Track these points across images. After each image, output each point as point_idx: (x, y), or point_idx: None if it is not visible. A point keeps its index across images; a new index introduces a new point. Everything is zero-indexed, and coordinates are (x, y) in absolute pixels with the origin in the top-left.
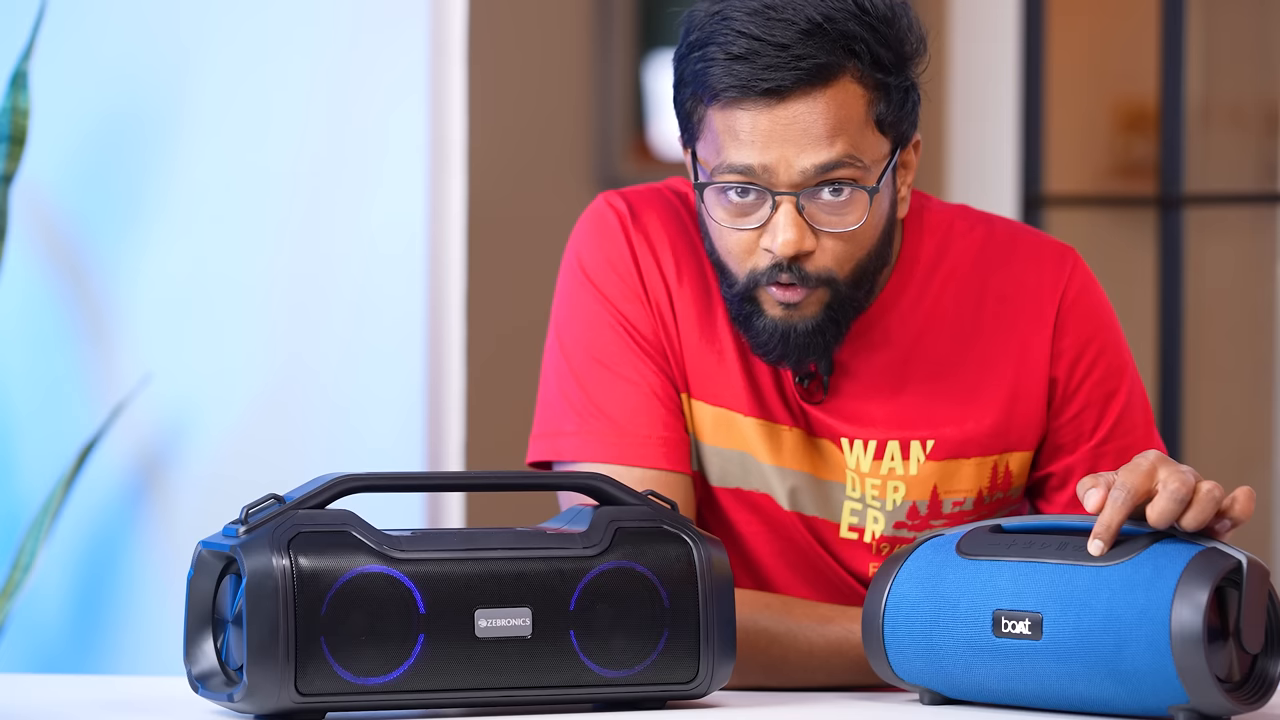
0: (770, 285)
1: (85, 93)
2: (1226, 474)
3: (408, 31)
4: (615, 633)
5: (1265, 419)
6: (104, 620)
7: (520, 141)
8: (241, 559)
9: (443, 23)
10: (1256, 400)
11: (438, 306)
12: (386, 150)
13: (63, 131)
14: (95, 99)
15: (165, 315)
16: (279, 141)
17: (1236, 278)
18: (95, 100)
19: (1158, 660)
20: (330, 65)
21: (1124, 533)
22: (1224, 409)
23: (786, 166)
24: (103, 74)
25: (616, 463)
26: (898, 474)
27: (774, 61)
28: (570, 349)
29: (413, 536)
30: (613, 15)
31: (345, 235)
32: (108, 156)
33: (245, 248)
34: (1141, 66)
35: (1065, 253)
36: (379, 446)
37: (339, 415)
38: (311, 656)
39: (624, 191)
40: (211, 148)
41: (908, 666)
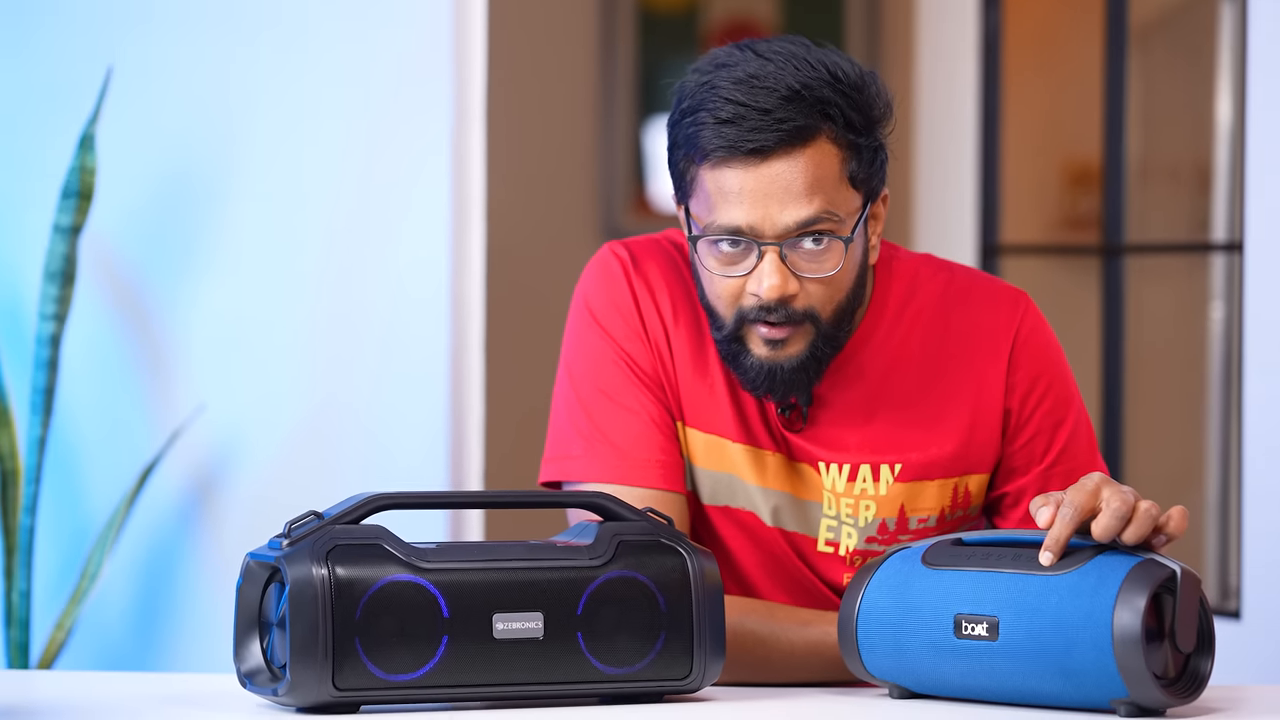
0: (757, 323)
1: (146, 154)
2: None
3: (433, 99)
4: (618, 634)
5: (1197, 444)
6: (162, 623)
7: (533, 197)
8: (285, 569)
9: (465, 91)
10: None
11: (459, 344)
12: (413, 205)
13: (125, 188)
14: (154, 160)
15: (217, 351)
16: (318, 197)
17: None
18: (155, 161)
19: (1101, 659)
20: (364, 129)
21: (1071, 545)
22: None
23: (771, 222)
24: (161, 137)
25: (619, 483)
26: (869, 494)
27: (758, 124)
28: (578, 382)
29: (437, 548)
30: (615, 86)
31: (377, 280)
32: (165, 211)
33: (288, 291)
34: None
35: (1018, 297)
36: (407, 468)
37: (371, 440)
38: (347, 655)
39: (626, 241)
40: (258, 203)
41: (878, 664)
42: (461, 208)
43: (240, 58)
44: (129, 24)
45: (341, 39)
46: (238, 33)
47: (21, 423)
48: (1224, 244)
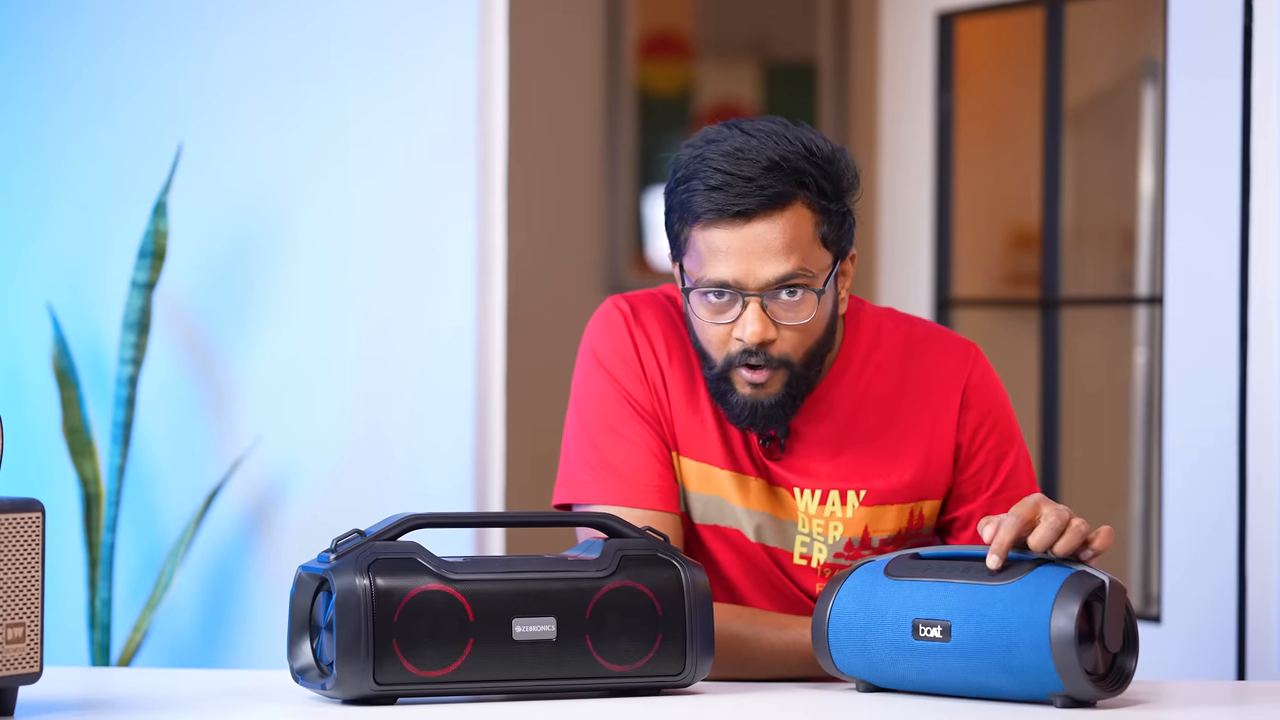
0: (741, 367)
1: (211, 219)
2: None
3: (460, 174)
4: (620, 636)
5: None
6: (226, 627)
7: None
8: (332, 579)
9: (488, 166)
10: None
11: (483, 384)
12: (443, 264)
13: (194, 249)
14: (219, 224)
15: (273, 391)
16: (361, 259)
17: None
18: (219, 225)
19: (1040, 658)
20: (401, 199)
21: (1013, 558)
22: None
23: (754, 276)
24: (225, 205)
25: (622, 505)
26: (837, 516)
27: (743, 190)
28: (586, 417)
29: (464, 562)
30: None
31: (412, 329)
32: (228, 268)
33: (335, 339)
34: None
35: (969, 348)
36: (437, 492)
37: (407, 468)
38: (386, 655)
39: (627, 295)
40: (309, 262)
41: (847, 662)
42: (485, 267)
43: (294, 135)
44: (198, 105)
45: (382, 121)
46: (292, 113)
47: (104, 453)
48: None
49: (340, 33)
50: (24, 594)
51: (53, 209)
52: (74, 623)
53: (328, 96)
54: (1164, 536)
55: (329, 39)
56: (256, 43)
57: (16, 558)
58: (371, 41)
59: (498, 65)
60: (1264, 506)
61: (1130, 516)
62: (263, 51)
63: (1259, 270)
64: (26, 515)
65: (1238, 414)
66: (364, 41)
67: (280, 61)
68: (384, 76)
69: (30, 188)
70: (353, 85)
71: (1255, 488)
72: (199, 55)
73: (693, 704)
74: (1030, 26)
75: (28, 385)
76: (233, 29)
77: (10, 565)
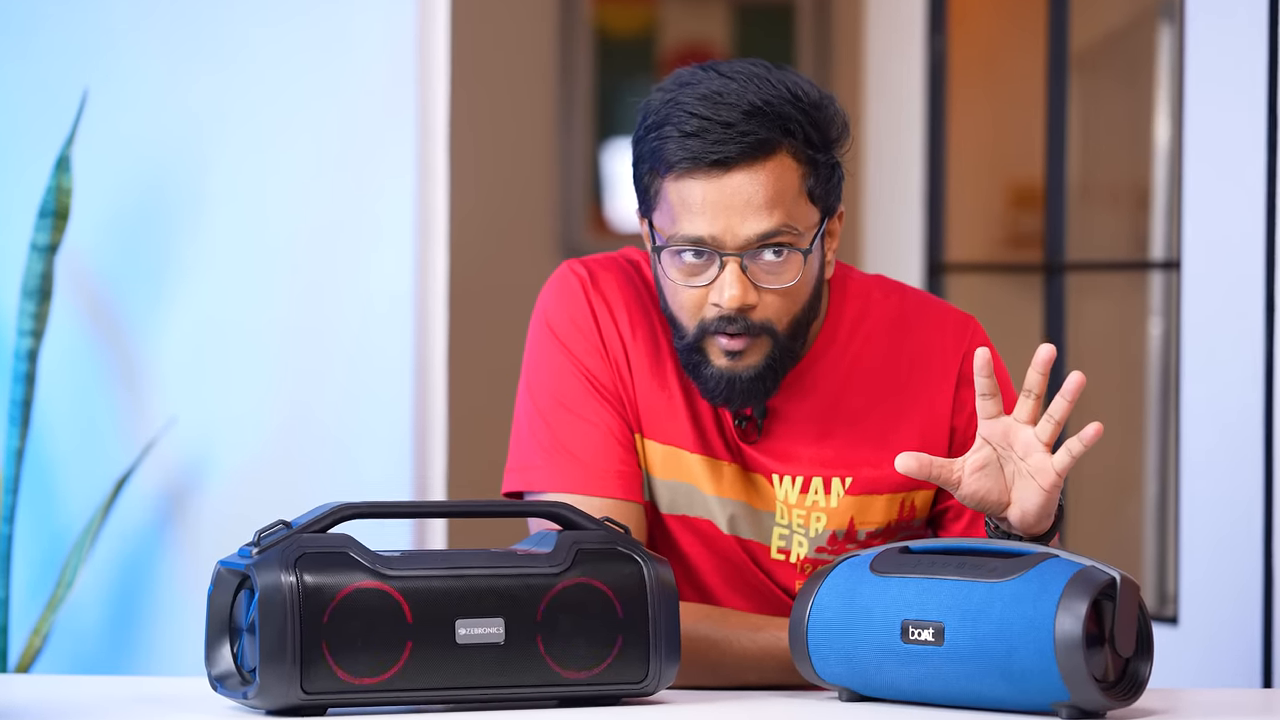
0: (717, 335)
1: (120, 174)
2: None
3: (397, 122)
4: (576, 639)
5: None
6: (136, 629)
7: (495, 216)
8: (255, 576)
9: (428, 114)
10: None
11: (423, 358)
12: (378, 224)
13: (100, 208)
14: (128, 180)
15: (189, 366)
16: (286, 217)
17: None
18: (128, 181)
19: (1043, 663)
20: (330, 151)
21: (1015, 552)
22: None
23: (732, 234)
24: (135, 158)
25: (579, 493)
26: (820, 506)
27: (721, 137)
28: (539, 395)
29: (402, 556)
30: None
31: (343, 297)
32: (139, 229)
33: (258, 308)
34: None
35: (966, 321)
36: (372, 479)
37: (338, 452)
38: (314, 660)
39: (584, 259)
40: (229, 222)
41: (828, 668)
42: (425, 227)
43: (210, 80)
44: (102, 49)
45: (308, 62)
46: (208, 56)
47: (0, 435)
48: (1161, 262)
49: None
50: None
51: None
52: None
53: (248, 37)
54: (1181, 527)
55: None
56: None
57: None
58: None
59: (439, 2)
60: None
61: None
62: None
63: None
64: None
65: (1263, 390)
66: None
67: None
68: (311, 14)
69: None
70: (276, 25)
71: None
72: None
73: (657, 714)
74: None
75: None
76: None
77: None
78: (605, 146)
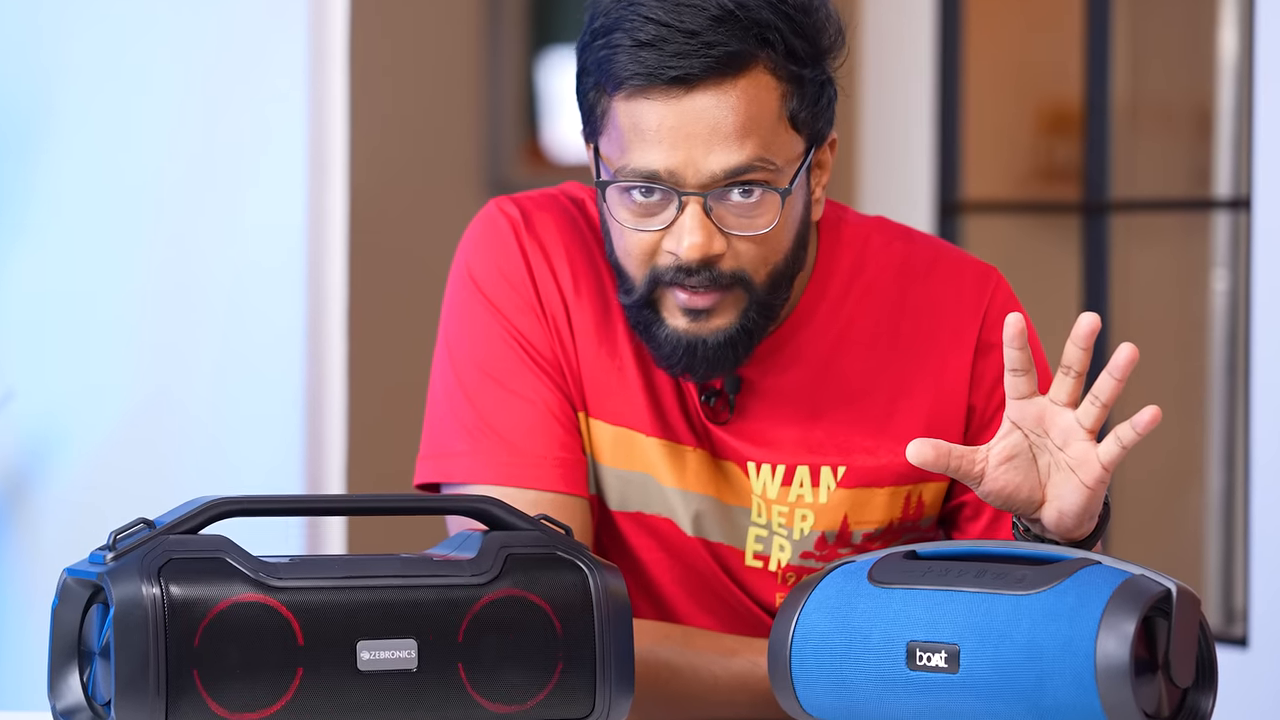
0: (674, 286)
1: None
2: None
3: (286, 25)
4: (506, 665)
5: (1196, 438)
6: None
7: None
8: (109, 587)
9: (323, 15)
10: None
11: (317, 319)
12: (263, 152)
13: None
14: None
15: (26, 330)
16: (148, 145)
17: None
18: None
19: (1082, 695)
20: (202, 61)
21: (1047, 558)
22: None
23: (694, 169)
24: None
25: (509, 485)
26: (806, 501)
27: (682, 49)
28: (460, 364)
29: (291, 564)
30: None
31: (219, 244)
32: None
33: (113, 258)
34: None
35: (988, 273)
36: (254, 468)
37: (213, 435)
38: (183, 691)
39: (516, 197)
40: (76, 151)
41: (816, 702)
42: (319, 159)
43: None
44: None
45: None
46: None
47: None
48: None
49: None
50: None
51: None
52: None
53: None
54: (1251, 528)
55: None
56: None
57: None
58: None
59: None
60: None
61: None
62: None
63: None
64: None
65: None
66: None
67: None
68: None
69: None
70: None
71: None
72: None
73: None
74: None
75: None
76: None
77: None
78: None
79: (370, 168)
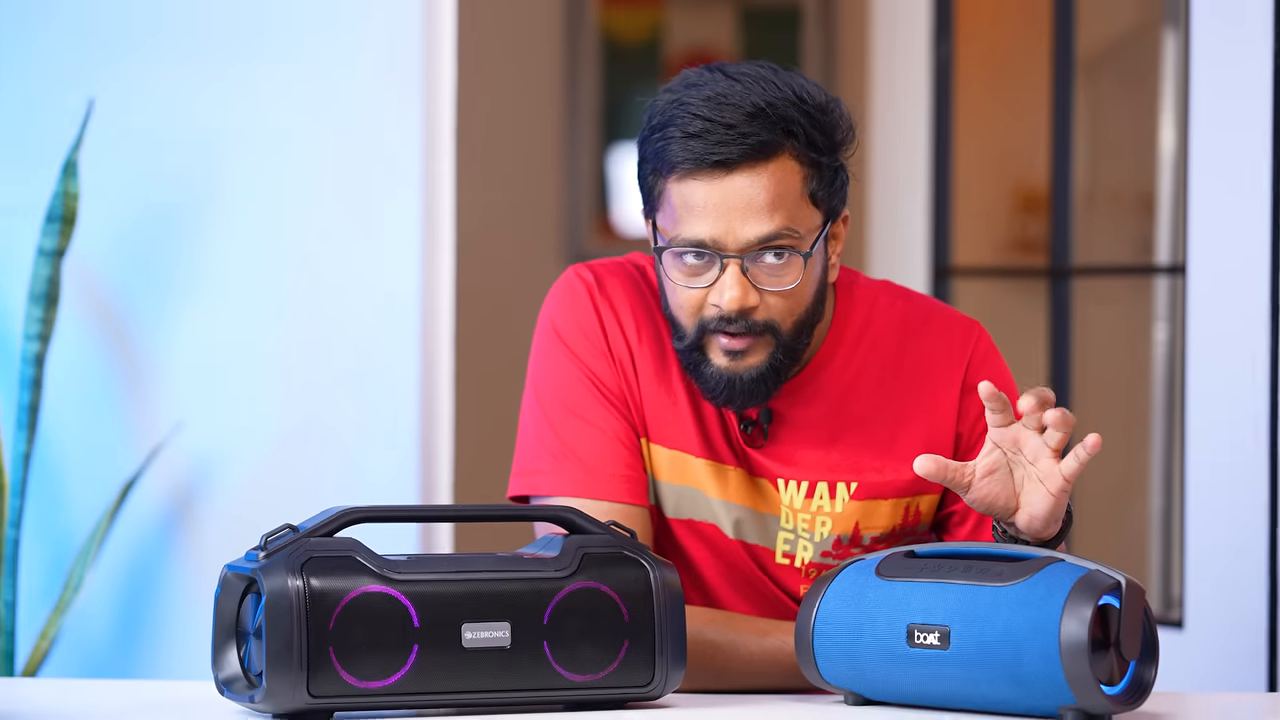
0: (718, 334)
1: (127, 180)
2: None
3: (403, 128)
4: (582, 643)
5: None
6: (143, 633)
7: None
8: (261, 580)
9: (434, 120)
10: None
11: (429, 363)
12: (385, 229)
13: (107, 213)
14: (136, 185)
15: (196, 371)
16: (293, 223)
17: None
18: (136, 186)
19: (1049, 667)
20: (337, 157)
21: (1020, 556)
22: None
23: (733, 236)
24: (142, 164)
25: (585, 497)
26: (825, 510)
27: (723, 138)
28: (545, 400)
29: (408, 560)
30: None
31: (351, 300)
32: (146, 234)
33: (265, 313)
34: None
35: (971, 326)
36: (379, 484)
37: (345, 457)
38: (321, 664)
39: (590, 264)
40: (236, 228)
41: (834, 672)
42: (432, 233)
43: (218, 88)
44: (110, 55)
45: (316, 70)
46: (217, 60)
47: (7, 439)
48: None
49: None
50: None
51: None
52: None
53: (255, 42)
54: (1186, 533)
55: None
56: None
57: None
58: None
59: (445, 5)
60: None
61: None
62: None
63: None
64: None
65: (1268, 397)
66: None
67: (202, 4)
68: (318, 19)
69: None
70: (283, 29)
71: None
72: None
73: (662, 718)
74: None
75: None
76: None
77: None
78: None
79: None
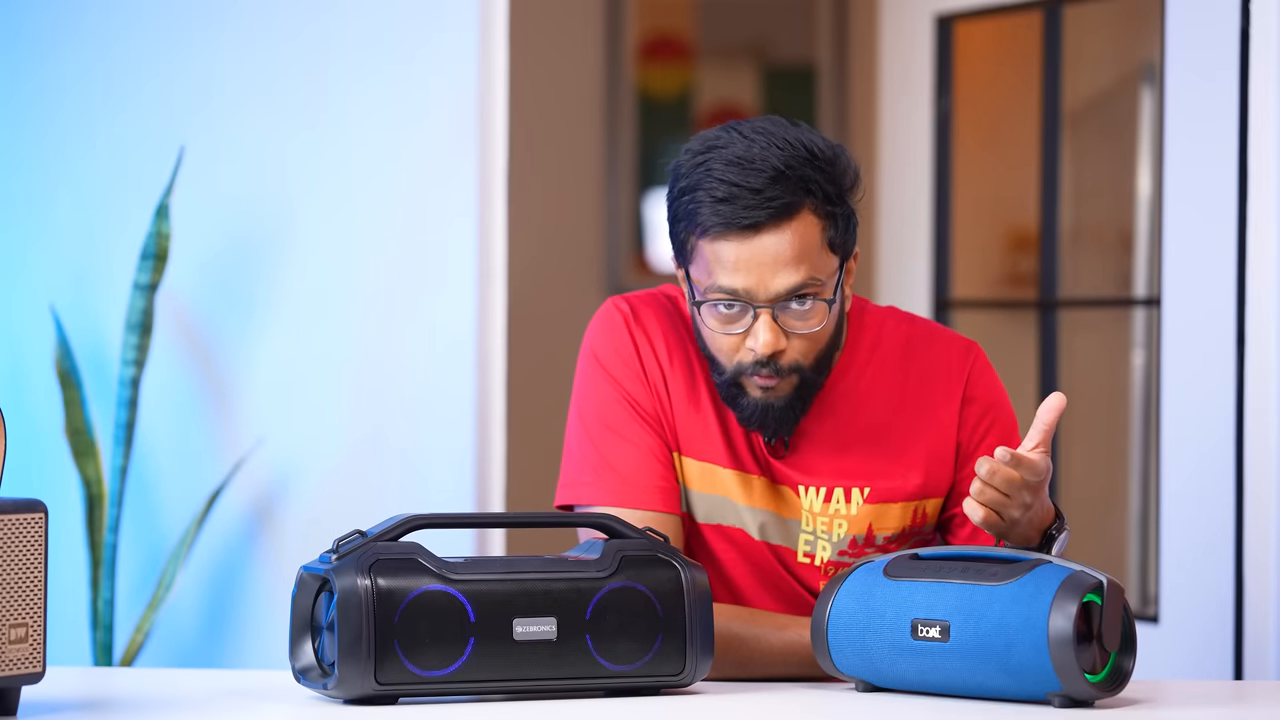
0: (753, 376)
1: (214, 221)
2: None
3: (461, 176)
4: (621, 636)
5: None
6: (228, 627)
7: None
8: (334, 580)
9: (489, 169)
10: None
11: (484, 385)
12: (445, 266)
13: (196, 251)
14: (221, 226)
15: (275, 392)
16: (363, 261)
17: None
18: (221, 226)
19: (1038, 658)
20: (403, 201)
21: (1012, 558)
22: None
23: (764, 287)
24: (227, 206)
25: (623, 506)
26: (841, 514)
27: (750, 203)
28: (587, 419)
29: (465, 562)
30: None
31: (413, 331)
32: (231, 270)
33: (337, 341)
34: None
35: (969, 346)
36: (439, 493)
37: (408, 469)
38: (387, 655)
39: (627, 296)
40: (312, 265)
41: (846, 662)
42: (486, 269)
43: (296, 137)
44: (200, 106)
45: (384, 123)
46: (294, 115)
47: (106, 454)
48: (1144, 299)
49: (342, 35)
50: (27, 594)
51: (55, 211)
52: (77, 623)
53: (329, 99)
54: (1161, 537)
55: (331, 41)
56: (259, 44)
57: (20, 558)
58: (373, 44)
59: (498, 68)
60: (1261, 508)
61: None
62: (265, 53)
63: (1256, 272)
64: (30, 516)
65: (1235, 416)
66: (365, 44)
67: (282, 63)
68: (385, 79)
69: (33, 189)
70: (354, 87)
71: (1252, 489)
72: (201, 56)
73: (692, 704)
74: (1028, 29)
75: (30, 387)
76: (235, 30)
77: (14, 566)
78: (646, 196)
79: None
